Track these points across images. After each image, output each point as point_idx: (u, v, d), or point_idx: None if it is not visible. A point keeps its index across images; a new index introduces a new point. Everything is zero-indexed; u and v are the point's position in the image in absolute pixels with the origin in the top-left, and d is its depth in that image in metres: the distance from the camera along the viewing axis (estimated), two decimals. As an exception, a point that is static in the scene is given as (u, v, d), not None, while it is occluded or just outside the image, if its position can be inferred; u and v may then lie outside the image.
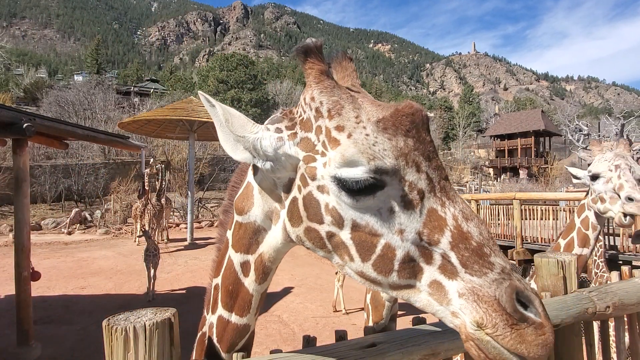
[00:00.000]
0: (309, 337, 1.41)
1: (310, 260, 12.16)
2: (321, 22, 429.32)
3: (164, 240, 15.10)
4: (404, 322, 1.81)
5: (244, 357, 1.17)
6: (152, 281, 8.25)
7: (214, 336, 1.19)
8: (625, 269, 2.30)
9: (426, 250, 0.82)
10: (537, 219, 11.40)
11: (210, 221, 20.37)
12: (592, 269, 5.04)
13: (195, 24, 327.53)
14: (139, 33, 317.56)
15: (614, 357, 2.00)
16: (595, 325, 2.20)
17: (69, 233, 17.63)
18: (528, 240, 11.01)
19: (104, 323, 0.99)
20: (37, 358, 5.41)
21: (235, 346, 1.18)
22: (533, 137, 54.20)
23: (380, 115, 0.87)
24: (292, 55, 0.98)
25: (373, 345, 1.28)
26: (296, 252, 12.77)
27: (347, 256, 0.88)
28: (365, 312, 1.93)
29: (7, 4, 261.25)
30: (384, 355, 1.26)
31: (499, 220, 12.46)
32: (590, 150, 2.99)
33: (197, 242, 15.06)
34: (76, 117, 30.25)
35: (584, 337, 1.82)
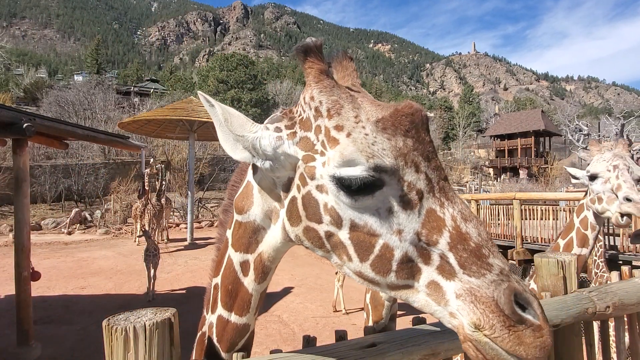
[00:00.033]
0: (309, 337, 1.41)
1: (310, 260, 12.16)
2: (321, 22, 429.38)
3: (164, 240, 15.10)
4: (404, 322, 1.81)
5: (243, 357, 1.17)
6: (152, 281, 8.26)
7: (214, 336, 1.19)
8: (625, 269, 2.30)
9: (424, 251, 0.82)
10: (537, 219, 11.41)
11: (210, 221, 20.36)
12: (592, 269, 5.04)
13: (195, 24, 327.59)
14: (139, 33, 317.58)
15: (614, 357, 2.00)
16: (595, 325, 2.20)
17: (69, 233, 17.63)
18: (528, 240, 11.02)
19: (104, 323, 0.99)
20: (37, 358, 5.41)
21: (235, 346, 1.18)
22: (533, 137, 54.20)
23: (380, 115, 0.87)
24: (292, 54, 0.98)
25: (373, 345, 1.28)
26: (296, 252, 12.77)
27: (346, 256, 0.87)
28: (365, 312, 1.93)
29: (7, 4, 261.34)
30: (384, 355, 1.26)
31: (499, 220, 12.47)
32: (589, 150, 2.99)
33: (197, 242, 15.06)
34: (76, 117, 30.26)
35: (584, 337, 1.82)
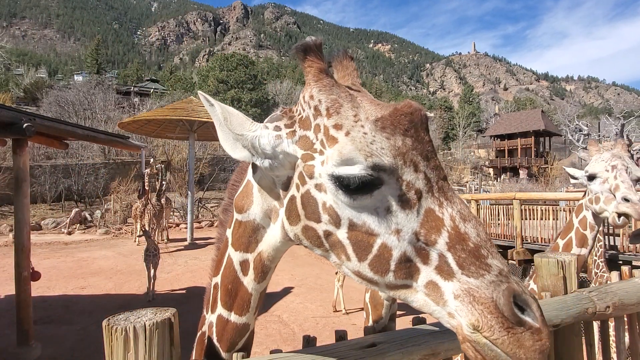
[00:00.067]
0: (309, 337, 1.41)
1: (310, 260, 12.16)
2: (321, 22, 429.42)
3: (164, 240, 15.11)
4: (404, 322, 1.81)
5: (243, 357, 1.17)
6: (152, 281, 8.26)
7: (214, 335, 1.19)
8: (625, 269, 2.30)
9: (423, 251, 0.81)
10: (537, 219, 11.42)
11: (210, 221, 20.36)
12: (592, 269, 5.04)
13: (195, 24, 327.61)
14: (139, 33, 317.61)
15: (614, 357, 2.00)
16: (595, 325, 2.20)
17: (69, 233, 17.63)
18: (528, 240, 11.02)
19: (104, 323, 0.99)
20: (37, 358, 5.41)
21: (235, 345, 1.18)
22: (533, 137, 54.21)
23: (379, 114, 0.87)
24: (291, 53, 0.98)
25: (373, 345, 1.28)
26: (296, 252, 12.76)
27: (344, 255, 0.87)
28: (364, 312, 1.93)
29: (7, 4, 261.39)
30: (384, 355, 1.26)
31: (499, 220, 12.47)
32: (588, 150, 2.99)
33: (197, 242, 15.06)
34: (76, 117, 30.27)
35: (584, 337, 1.82)
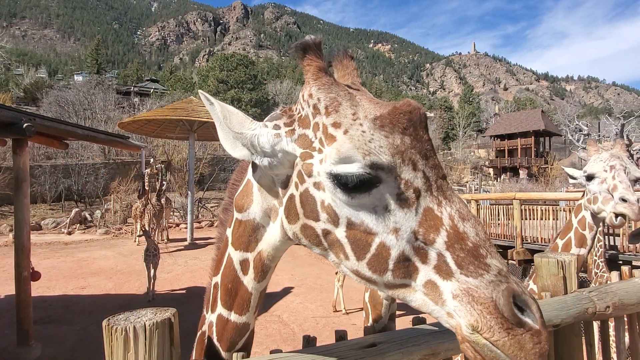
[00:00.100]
0: (309, 337, 1.41)
1: (310, 260, 12.16)
2: (321, 22, 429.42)
3: (164, 240, 15.11)
4: (404, 322, 1.81)
5: (243, 357, 1.17)
6: (152, 281, 8.26)
7: (214, 335, 1.19)
8: (625, 269, 2.30)
9: (422, 250, 0.81)
10: (537, 219, 11.43)
11: (210, 221, 20.36)
12: (592, 269, 5.04)
13: (195, 24, 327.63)
14: (139, 33, 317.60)
15: (614, 357, 2.00)
16: (595, 325, 2.20)
17: (69, 233, 17.63)
18: (528, 240, 11.03)
19: (104, 323, 0.99)
20: (37, 358, 5.41)
21: (235, 345, 1.18)
22: (533, 137, 54.21)
23: (378, 113, 0.87)
24: (291, 52, 0.98)
25: (373, 345, 1.28)
26: (296, 252, 12.76)
27: (343, 254, 0.87)
28: (364, 311, 1.93)
29: (7, 4, 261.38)
30: (384, 355, 1.26)
31: (499, 220, 12.47)
32: (587, 150, 2.99)
33: (197, 242, 15.06)
34: (76, 117, 30.27)
35: (584, 337, 1.82)
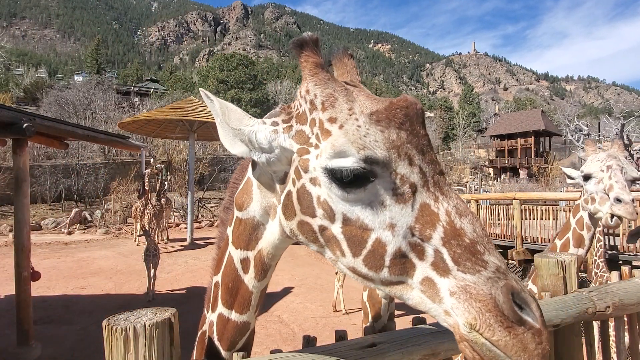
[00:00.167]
0: (309, 337, 1.41)
1: (310, 260, 12.16)
2: (321, 22, 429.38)
3: (164, 240, 15.10)
4: (404, 322, 1.81)
5: (244, 357, 1.17)
6: (152, 281, 8.26)
7: (215, 334, 1.20)
8: (625, 269, 2.30)
9: (418, 246, 0.80)
10: (537, 219, 11.43)
11: (210, 221, 20.35)
12: (592, 269, 5.04)
13: (195, 24, 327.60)
14: (139, 33, 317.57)
15: (614, 357, 2.00)
16: (595, 325, 2.20)
17: (69, 233, 17.63)
18: (528, 240, 11.03)
19: (104, 323, 0.99)
20: (37, 358, 5.41)
21: (236, 344, 1.18)
22: (533, 137, 54.18)
23: (374, 108, 0.86)
24: (288, 49, 0.98)
25: (373, 345, 1.28)
26: (296, 252, 12.77)
27: (339, 251, 0.86)
28: (362, 311, 1.94)
29: (7, 4, 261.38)
30: (384, 355, 1.26)
31: (499, 220, 12.48)
32: (585, 150, 2.98)
33: (197, 242, 15.06)
34: (76, 117, 30.26)
35: (584, 337, 1.82)
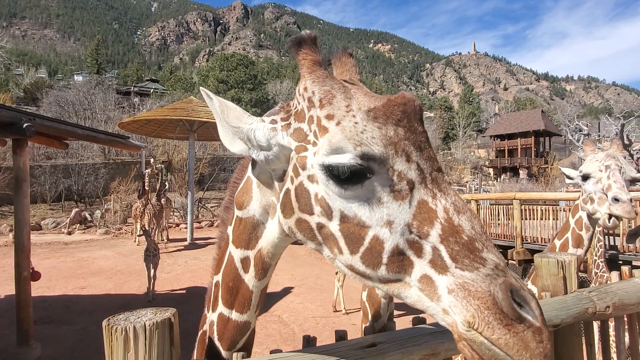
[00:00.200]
0: (309, 337, 1.41)
1: (310, 260, 12.16)
2: (321, 22, 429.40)
3: (164, 240, 15.10)
4: (404, 322, 1.81)
5: (244, 356, 1.17)
6: (152, 281, 8.25)
7: (215, 334, 1.20)
8: (625, 269, 2.30)
9: (416, 244, 0.79)
10: (537, 219, 11.43)
11: (210, 221, 20.35)
12: (592, 269, 5.04)
13: (195, 24, 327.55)
14: (139, 33, 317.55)
15: (614, 357, 2.00)
16: (595, 325, 2.19)
17: (69, 233, 17.62)
18: (528, 240, 11.03)
19: (104, 323, 0.99)
20: (37, 358, 5.41)
21: (236, 344, 1.18)
22: (533, 137, 54.18)
23: (372, 105, 0.86)
24: (287, 47, 0.98)
25: (373, 345, 1.28)
26: (296, 252, 12.77)
27: (337, 249, 0.86)
28: (362, 310, 1.93)
29: (7, 4, 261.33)
30: (384, 355, 1.26)
31: (499, 220, 12.47)
32: (584, 150, 2.97)
33: (197, 242, 15.05)
34: (76, 117, 30.24)
35: (584, 337, 1.82)
